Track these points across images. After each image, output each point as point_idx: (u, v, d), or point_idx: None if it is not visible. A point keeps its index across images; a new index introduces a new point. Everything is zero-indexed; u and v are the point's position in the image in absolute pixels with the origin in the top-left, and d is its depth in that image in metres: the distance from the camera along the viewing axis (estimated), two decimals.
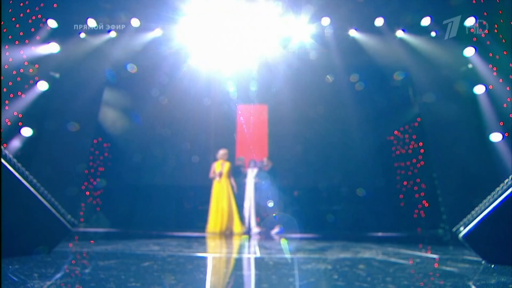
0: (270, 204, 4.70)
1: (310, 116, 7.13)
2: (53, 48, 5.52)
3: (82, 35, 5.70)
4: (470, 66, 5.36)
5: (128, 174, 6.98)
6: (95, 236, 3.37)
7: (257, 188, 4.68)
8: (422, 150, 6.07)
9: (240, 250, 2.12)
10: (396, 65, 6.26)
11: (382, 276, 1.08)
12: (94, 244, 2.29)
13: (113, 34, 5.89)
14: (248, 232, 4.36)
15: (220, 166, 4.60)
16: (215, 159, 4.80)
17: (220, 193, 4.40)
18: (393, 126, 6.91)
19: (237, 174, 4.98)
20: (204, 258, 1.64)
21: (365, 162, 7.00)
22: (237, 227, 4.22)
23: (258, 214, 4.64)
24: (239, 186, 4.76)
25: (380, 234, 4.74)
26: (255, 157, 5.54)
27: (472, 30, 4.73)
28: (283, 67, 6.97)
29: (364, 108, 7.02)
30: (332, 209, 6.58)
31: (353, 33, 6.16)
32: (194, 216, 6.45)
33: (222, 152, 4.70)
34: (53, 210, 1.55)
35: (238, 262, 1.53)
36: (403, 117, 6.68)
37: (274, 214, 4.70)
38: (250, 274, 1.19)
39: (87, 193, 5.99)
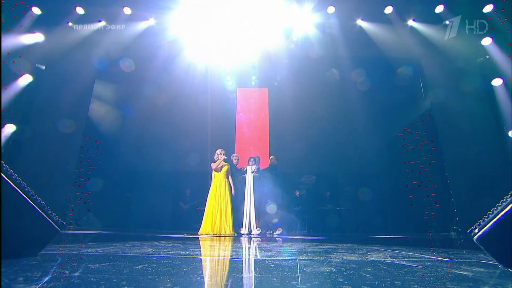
0: (271, 208, 4.72)
1: (314, 111, 7.11)
2: (37, 37, 5.50)
3: (70, 23, 5.67)
4: (487, 57, 5.33)
5: (121, 173, 7.00)
6: (85, 238, 3.38)
7: (255, 189, 4.68)
8: (433, 148, 6.07)
9: (240, 252, 2.13)
10: (406, 56, 6.22)
11: (391, 280, 1.07)
12: (84, 246, 2.29)
13: (103, 23, 5.85)
14: (248, 233, 4.38)
15: (220, 166, 4.65)
16: (213, 160, 4.80)
17: (218, 193, 4.43)
18: (403, 122, 6.89)
19: (235, 173, 4.98)
20: (201, 260, 1.65)
21: (372, 160, 6.99)
22: (229, 229, 4.26)
23: (258, 216, 4.64)
24: (237, 187, 4.77)
25: (388, 236, 4.74)
26: (254, 155, 5.54)
27: (490, 18, 4.71)
28: (285, 59, 6.92)
29: (372, 102, 7.00)
30: (337, 210, 6.59)
31: (360, 22, 6.11)
32: (191, 217, 6.48)
33: (218, 151, 4.73)
34: (40, 211, 1.54)
35: (237, 264, 1.53)
36: (413, 113, 6.66)
37: (275, 220, 4.73)
38: (250, 276, 1.19)
39: (77, 193, 6.01)
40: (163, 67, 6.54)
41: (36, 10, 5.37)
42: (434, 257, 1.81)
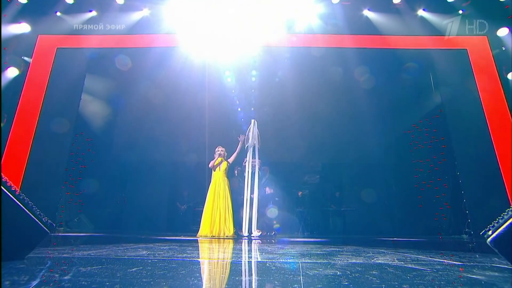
0: (272, 212, 4.72)
1: (317, 108, 7.09)
2: (23, 28, 5.44)
3: (58, 13, 5.63)
4: (503, 48, 5.29)
5: (114, 172, 7.00)
6: (77, 241, 3.40)
7: (257, 187, 4.67)
8: (444, 146, 6.05)
9: (239, 254, 2.13)
10: (416, 49, 6.17)
11: (399, 283, 1.07)
12: (75, 249, 2.30)
13: (94, 13, 5.82)
14: (248, 235, 4.39)
15: (218, 163, 4.66)
16: (212, 159, 4.81)
17: (217, 193, 4.44)
18: (411, 118, 6.87)
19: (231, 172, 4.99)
20: (199, 263, 1.65)
21: (379, 159, 6.99)
22: (229, 231, 4.28)
23: (257, 217, 4.65)
24: (234, 187, 4.77)
25: (395, 238, 4.75)
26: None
27: (507, 7, 4.68)
28: (287, 52, 6.87)
29: (378, 98, 6.98)
30: (342, 211, 6.60)
31: (367, 13, 6.07)
32: (189, 218, 6.51)
33: (217, 149, 4.73)
34: (27, 212, 1.54)
35: (237, 267, 1.54)
36: (423, 108, 6.63)
37: (277, 225, 4.74)
38: (251, 279, 1.19)
39: (67, 193, 6.02)
40: (158, 61, 6.50)
41: None
42: (445, 261, 1.81)
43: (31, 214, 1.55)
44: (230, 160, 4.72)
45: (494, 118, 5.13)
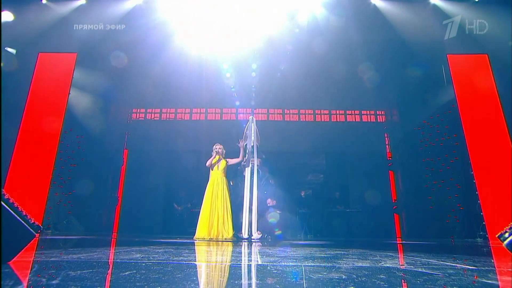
0: (273, 216, 4.73)
1: (321, 104, 7.08)
2: (6, 16, 5.40)
3: (44, 1, 5.59)
4: None
5: (106, 171, 7.02)
6: (66, 244, 3.41)
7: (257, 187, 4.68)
8: (456, 143, 6.04)
9: (239, 257, 2.14)
10: (428, 39, 6.14)
11: None
12: (64, 252, 2.31)
13: (82, 1, 5.79)
14: (248, 238, 4.40)
15: (216, 162, 4.67)
16: (210, 157, 4.81)
17: (215, 194, 4.44)
18: (422, 114, 6.86)
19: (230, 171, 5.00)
20: (196, 266, 1.66)
21: (387, 157, 6.99)
22: (227, 233, 4.29)
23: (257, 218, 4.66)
24: (234, 186, 4.78)
25: (404, 241, 4.77)
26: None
27: None
28: (289, 45, 6.84)
29: (387, 92, 6.96)
30: (347, 212, 6.62)
31: (375, 1, 6.04)
32: (185, 219, 6.53)
33: (214, 147, 4.73)
34: (13, 213, 1.54)
35: (236, 270, 1.54)
36: (434, 103, 6.62)
37: (278, 232, 4.75)
38: (251, 283, 1.19)
39: (56, 193, 6.02)
40: (152, 54, 6.48)
41: None
42: (458, 265, 1.81)
43: (16, 216, 1.55)
44: (230, 162, 4.72)
45: (510, 114, 5.11)
